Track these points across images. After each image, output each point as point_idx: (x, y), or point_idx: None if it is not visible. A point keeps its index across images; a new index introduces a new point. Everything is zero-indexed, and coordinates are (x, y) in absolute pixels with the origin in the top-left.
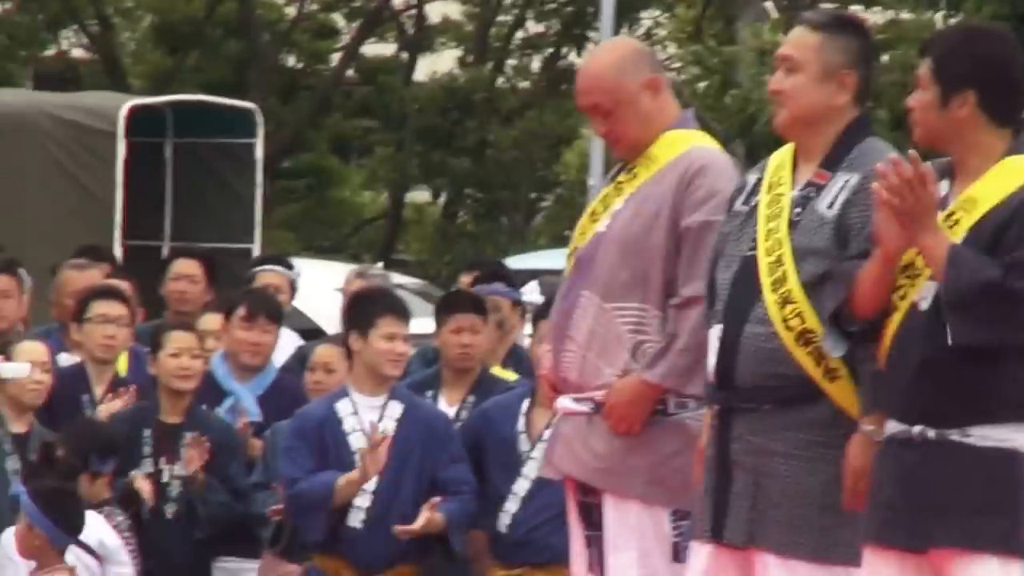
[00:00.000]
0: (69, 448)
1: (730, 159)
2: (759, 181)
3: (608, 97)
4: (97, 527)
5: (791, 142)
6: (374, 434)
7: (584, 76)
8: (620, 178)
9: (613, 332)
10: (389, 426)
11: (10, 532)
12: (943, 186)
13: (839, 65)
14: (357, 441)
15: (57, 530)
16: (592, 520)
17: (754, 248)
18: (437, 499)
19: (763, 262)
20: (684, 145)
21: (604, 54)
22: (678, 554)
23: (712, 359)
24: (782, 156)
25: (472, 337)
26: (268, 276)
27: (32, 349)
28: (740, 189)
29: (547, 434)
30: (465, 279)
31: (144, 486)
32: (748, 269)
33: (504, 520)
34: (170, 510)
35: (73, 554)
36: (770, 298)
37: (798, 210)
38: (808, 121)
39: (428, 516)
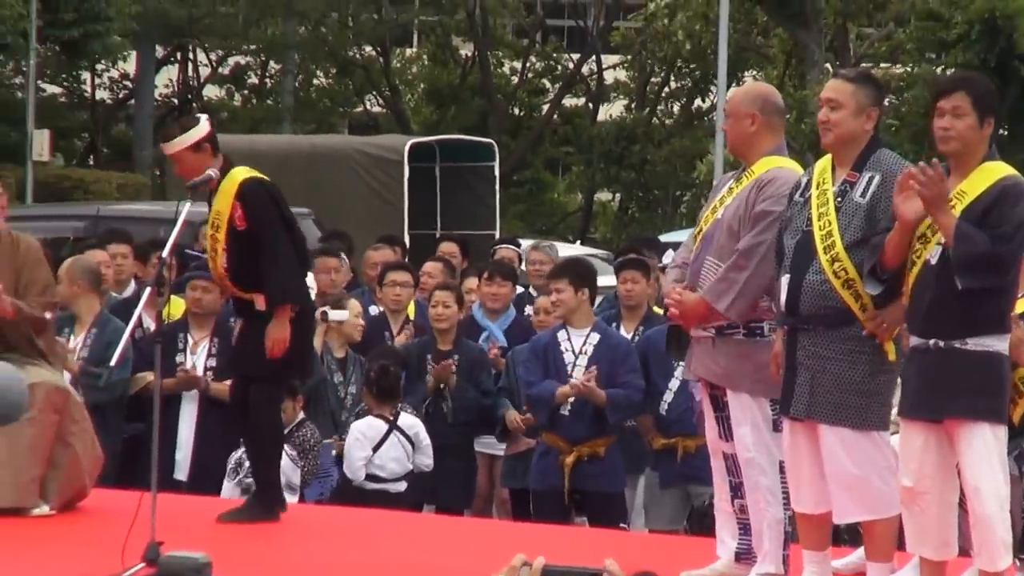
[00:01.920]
0: (375, 363)
1: (797, 172)
2: (809, 181)
3: (730, 107)
4: (411, 420)
5: (831, 154)
6: (588, 373)
7: (733, 93)
8: (732, 184)
9: None
10: (590, 350)
11: (358, 423)
12: None
13: (867, 105)
14: (568, 357)
15: None
16: (718, 406)
17: (809, 225)
18: (594, 368)
19: (817, 234)
20: (770, 166)
21: (747, 86)
22: (776, 426)
23: (783, 297)
24: (824, 163)
25: (633, 285)
26: (504, 251)
27: (351, 303)
28: (797, 186)
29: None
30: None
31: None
32: (807, 238)
33: (663, 407)
34: (445, 406)
35: (397, 440)
36: (823, 257)
37: (839, 199)
38: (846, 141)
39: (592, 376)
